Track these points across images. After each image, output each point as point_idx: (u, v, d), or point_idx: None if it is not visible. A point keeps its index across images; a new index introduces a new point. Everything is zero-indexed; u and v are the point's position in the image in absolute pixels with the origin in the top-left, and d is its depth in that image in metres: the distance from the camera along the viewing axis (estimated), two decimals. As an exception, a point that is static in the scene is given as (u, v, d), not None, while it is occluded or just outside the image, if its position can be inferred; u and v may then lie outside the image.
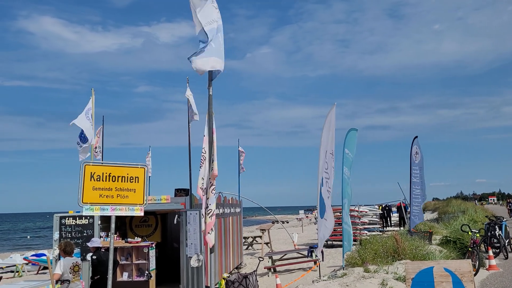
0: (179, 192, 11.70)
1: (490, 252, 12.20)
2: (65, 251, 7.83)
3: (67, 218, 10.54)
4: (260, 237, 21.25)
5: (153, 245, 11.71)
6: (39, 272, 19.34)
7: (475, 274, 9.48)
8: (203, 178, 6.34)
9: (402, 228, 23.67)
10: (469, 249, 11.57)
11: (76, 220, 10.58)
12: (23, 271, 19.43)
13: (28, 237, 58.01)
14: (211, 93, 6.21)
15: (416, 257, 10.47)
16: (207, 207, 6.21)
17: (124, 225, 13.08)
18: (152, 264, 11.37)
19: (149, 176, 7.40)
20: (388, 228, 26.98)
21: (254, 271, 11.51)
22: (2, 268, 20.65)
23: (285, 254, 16.35)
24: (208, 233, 6.34)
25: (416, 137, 16.92)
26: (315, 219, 30.61)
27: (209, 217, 6.23)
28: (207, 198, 6.20)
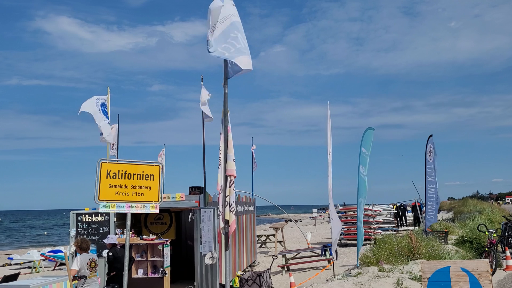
0: (193, 190, 11.76)
1: (508, 253, 12.00)
2: (81, 248, 7.93)
3: (83, 215, 10.67)
4: (274, 235, 21.24)
5: (168, 243, 11.79)
6: (56, 268, 19.63)
7: (492, 274, 9.34)
8: (222, 176, 6.36)
9: (417, 227, 23.42)
10: (486, 249, 11.39)
11: (92, 217, 10.70)
12: (40, 267, 19.73)
13: (45, 233, 58.94)
14: (226, 91, 6.21)
15: (431, 257, 10.35)
16: (229, 204, 6.20)
17: (139, 223, 13.19)
18: (167, 261, 11.45)
19: (163, 174, 7.42)
20: (402, 228, 26.72)
21: (268, 269, 11.51)
22: (20, 264, 21.03)
23: (299, 253, 16.31)
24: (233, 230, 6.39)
25: (431, 135, 16.72)
26: (329, 218, 30.52)
27: (233, 214, 6.25)
28: (228, 196, 6.20)
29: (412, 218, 28.12)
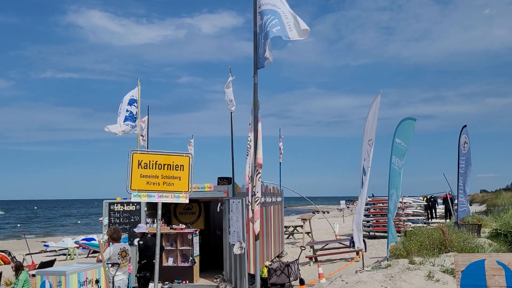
0: (222, 180, 11.85)
1: (545, 247, 11.61)
2: (113, 238, 8.10)
3: (115, 205, 10.92)
4: (301, 226, 21.23)
5: (197, 232, 11.95)
6: (89, 255, 20.24)
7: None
8: (249, 166, 6.38)
9: (448, 220, 22.93)
10: (522, 243, 11.05)
11: (123, 207, 10.94)
12: (74, 254, 20.39)
13: (79, 222, 60.78)
14: (256, 81, 6.20)
15: (464, 250, 10.12)
16: (254, 194, 6.24)
17: (169, 212, 13.41)
18: (196, 251, 11.61)
19: (193, 165, 7.52)
20: (433, 220, 26.22)
21: (296, 259, 11.52)
22: (55, 251, 21.78)
23: (327, 244, 16.25)
24: (255, 220, 6.40)
25: (465, 126, 16.26)
26: (357, 209, 30.18)
27: (257, 204, 6.27)
28: (254, 186, 6.23)
29: (443, 210, 27.56)
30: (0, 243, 31.93)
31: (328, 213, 50.39)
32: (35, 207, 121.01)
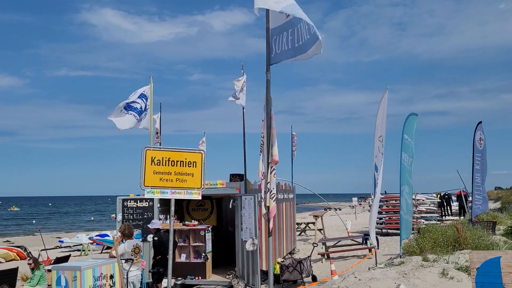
0: (234, 177, 11.88)
1: (561, 245, 11.42)
2: (125, 234, 8.16)
3: (129, 201, 11.02)
4: (313, 223, 21.19)
5: (209, 229, 12.00)
6: (103, 251, 20.47)
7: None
8: (263, 163, 6.39)
9: (462, 217, 22.69)
10: (538, 240, 10.89)
11: (137, 203, 11.03)
12: (88, 250, 20.64)
13: (92, 218, 61.47)
14: (269, 78, 6.20)
15: (478, 247, 10.01)
16: (269, 191, 6.25)
17: (181, 209, 13.49)
18: (209, 247, 11.67)
19: (205, 162, 7.57)
20: (446, 217, 25.97)
21: (308, 256, 11.52)
22: (70, 246, 22.07)
23: (339, 241, 16.20)
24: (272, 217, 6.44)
25: (480, 122, 16.04)
26: (370, 206, 30.00)
27: (273, 201, 6.29)
28: (269, 183, 6.24)
29: (457, 207, 27.28)
30: (16, 238, 32.47)
31: (340, 210, 50.18)
32: (50, 204, 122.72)
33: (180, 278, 11.02)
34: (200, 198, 7.46)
